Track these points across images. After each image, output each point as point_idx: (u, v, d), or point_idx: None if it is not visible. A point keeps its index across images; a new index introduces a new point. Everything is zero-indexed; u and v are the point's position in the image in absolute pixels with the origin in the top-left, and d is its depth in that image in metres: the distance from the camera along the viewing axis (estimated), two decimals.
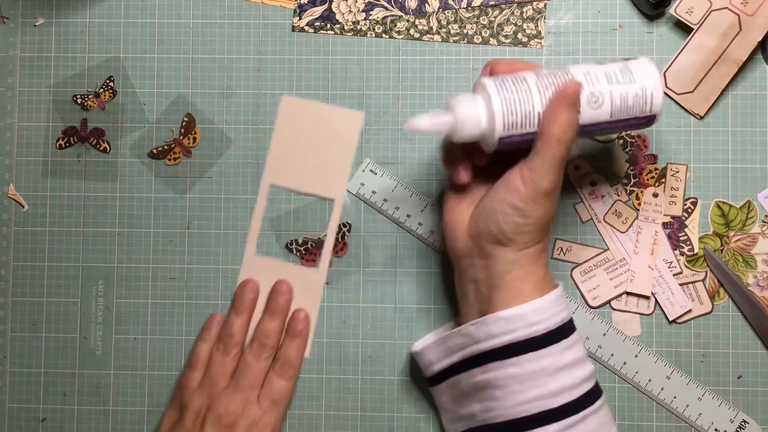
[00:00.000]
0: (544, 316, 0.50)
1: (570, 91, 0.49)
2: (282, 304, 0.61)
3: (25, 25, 0.65)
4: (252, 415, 0.57)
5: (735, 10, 0.60)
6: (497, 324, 0.51)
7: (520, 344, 0.50)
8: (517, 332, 0.50)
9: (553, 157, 0.49)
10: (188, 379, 0.60)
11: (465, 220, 0.54)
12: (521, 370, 0.50)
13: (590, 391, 0.51)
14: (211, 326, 0.61)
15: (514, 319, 0.50)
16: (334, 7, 0.63)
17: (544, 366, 0.50)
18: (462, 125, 0.50)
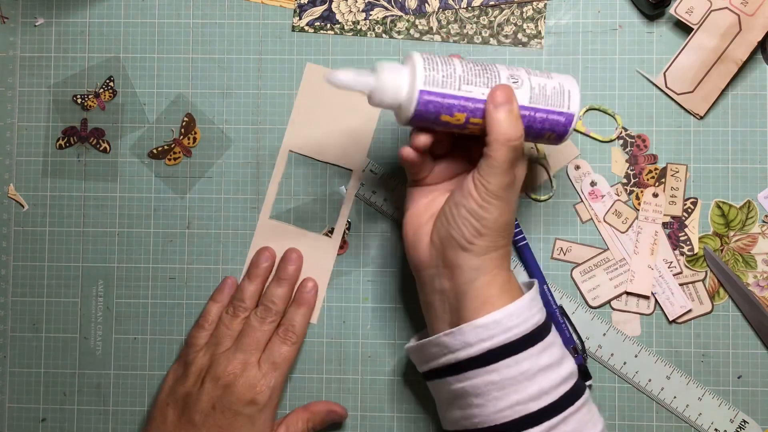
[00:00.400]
0: (519, 320, 0.50)
1: (501, 93, 0.49)
2: (291, 271, 0.62)
3: (25, 25, 0.65)
4: (251, 376, 0.58)
5: (735, 10, 0.60)
6: (474, 332, 0.50)
7: (498, 350, 0.50)
8: (494, 339, 0.50)
9: (498, 159, 0.49)
10: (195, 337, 0.60)
11: (427, 231, 0.54)
12: (500, 377, 0.50)
13: (570, 391, 0.51)
14: (224, 288, 0.62)
15: (491, 326, 0.50)
16: (334, 7, 0.63)
17: (523, 370, 0.50)
18: (382, 90, 0.49)
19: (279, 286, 0.61)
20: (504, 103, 0.49)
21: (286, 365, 0.59)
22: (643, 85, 0.62)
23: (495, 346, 0.50)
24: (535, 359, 0.50)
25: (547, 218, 0.62)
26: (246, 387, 0.57)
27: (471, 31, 0.63)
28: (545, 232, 0.62)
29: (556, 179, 0.62)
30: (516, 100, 0.50)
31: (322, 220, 0.63)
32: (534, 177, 0.62)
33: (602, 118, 0.62)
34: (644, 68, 0.62)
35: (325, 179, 0.63)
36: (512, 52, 0.63)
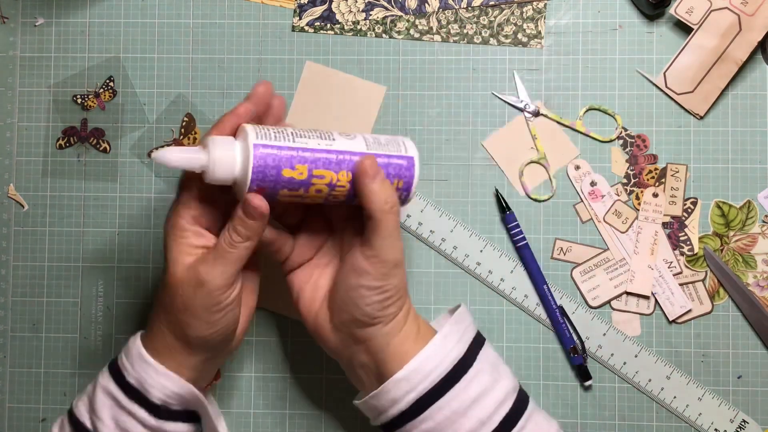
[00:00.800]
0: (436, 361, 0.50)
1: (366, 165, 0.49)
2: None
3: (25, 25, 0.65)
4: None
5: (735, 10, 0.60)
6: (397, 387, 0.49)
7: (425, 397, 0.49)
8: (417, 388, 0.49)
9: (389, 228, 0.49)
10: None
11: (325, 317, 0.52)
12: (434, 422, 0.49)
13: (512, 410, 0.50)
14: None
15: (411, 376, 0.49)
16: (334, 7, 0.63)
17: (455, 409, 0.49)
18: (215, 166, 0.47)
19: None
20: (377, 172, 0.49)
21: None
22: (643, 85, 0.62)
23: (420, 394, 0.49)
24: (464, 394, 0.49)
25: (547, 218, 0.62)
26: None
27: (471, 31, 0.63)
28: (545, 232, 0.62)
29: (556, 179, 0.62)
30: (380, 170, 0.49)
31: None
32: (534, 177, 0.63)
33: (602, 118, 0.62)
34: (644, 68, 0.62)
35: None
36: (512, 52, 0.63)
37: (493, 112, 0.63)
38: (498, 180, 0.62)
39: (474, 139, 0.63)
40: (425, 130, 0.63)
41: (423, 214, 0.62)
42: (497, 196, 0.62)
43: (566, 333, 0.61)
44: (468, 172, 0.63)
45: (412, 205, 0.62)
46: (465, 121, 0.63)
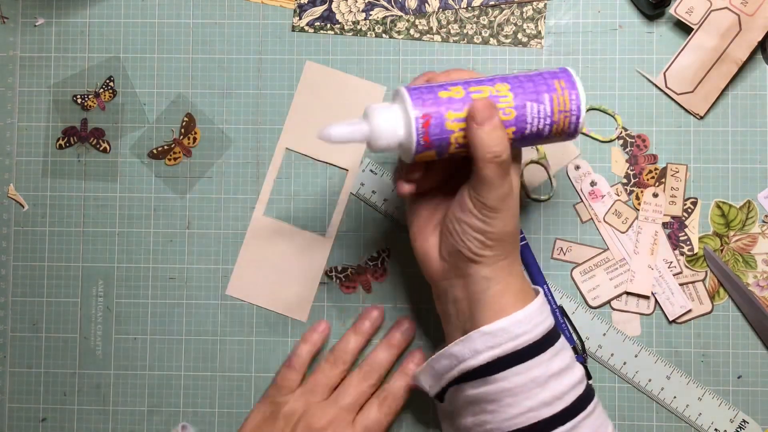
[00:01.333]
0: (527, 327, 0.50)
1: (476, 108, 0.48)
2: (400, 340, 0.61)
3: (25, 25, 0.65)
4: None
5: (735, 10, 0.60)
6: (482, 339, 0.50)
7: (507, 358, 0.50)
8: (502, 346, 0.50)
9: (489, 176, 0.48)
10: (285, 379, 0.60)
11: (434, 244, 0.53)
12: (511, 384, 0.50)
13: (581, 396, 0.51)
14: (316, 331, 0.61)
15: (498, 333, 0.50)
16: (334, 7, 0.63)
17: (534, 377, 0.50)
18: (378, 135, 0.48)
19: (387, 351, 0.60)
20: (485, 118, 0.48)
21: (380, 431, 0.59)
22: (643, 85, 0.62)
23: (503, 353, 0.50)
24: (546, 366, 0.50)
25: (547, 218, 0.62)
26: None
27: (471, 31, 0.63)
28: (545, 232, 0.62)
29: (556, 179, 0.62)
30: (497, 113, 0.48)
31: (316, 218, 0.63)
32: (534, 177, 0.63)
33: (602, 118, 0.62)
34: (644, 68, 0.62)
35: (319, 178, 0.63)
36: (512, 52, 0.63)
37: None
38: None
39: None
40: None
41: None
42: None
43: (566, 333, 0.61)
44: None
45: None
46: None
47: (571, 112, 0.50)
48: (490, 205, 0.49)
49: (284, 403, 0.59)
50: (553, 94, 0.49)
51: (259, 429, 0.59)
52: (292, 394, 0.59)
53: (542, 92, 0.49)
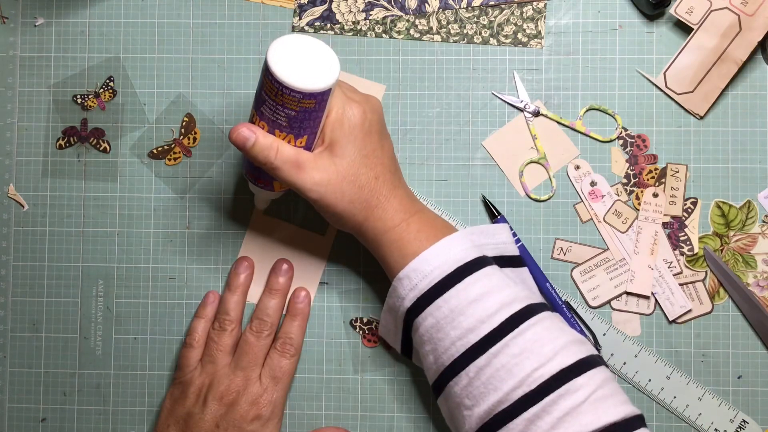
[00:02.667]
0: (438, 261, 0.52)
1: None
2: (282, 282, 0.62)
3: (25, 25, 0.65)
4: (253, 392, 0.58)
5: (735, 10, 0.60)
6: (401, 284, 0.54)
7: (426, 295, 0.52)
8: (418, 285, 0.52)
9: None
10: (186, 357, 0.60)
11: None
12: (435, 319, 0.52)
13: (516, 314, 0.51)
14: (207, 304, 0.62)
15: (411, 275, 0.53)
16: (334, 7, 0.63)
17: (453, 306, 0.51)
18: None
19: (271, 297, 0.61)
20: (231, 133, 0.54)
21: (287, 378, 0.60)
22: (643, 85, 0.62)
23: (421, 292, 0.52)
24: (463, 293, 0.51)
25: (547, 218, 0.62)
26: (249, 403, 0.58)
27: (471, 31, 0.63)
28: (545, 232, 0.62)
29: (556, 179, 0.62)
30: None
31: (315, 218, 0.63)
32: (534, 177, 0.63)
33: (602, 118, 0.62)
34: (644, 68, 0.62)
35: None
36: (512, 52, 0.63)
37: (493, 112, 0.63)
38: (498, 180, 0.62)
39: (474, 139, 0.63)
40: (425, 130, 0.63)
41: None
42: (485, 202, 0.62)
43: (577, 327, 0.60)
44: (468, 172, 0.63)
45: None
46: (465, 121, 0.63)
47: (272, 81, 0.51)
48: (310, 199, 0.54)
49: (190, 380, 0.59)
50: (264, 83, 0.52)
51: (173, 412, 0.59)
52: (195, 371, 0.60)
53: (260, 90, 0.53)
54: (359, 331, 0.63)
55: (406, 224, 0.55)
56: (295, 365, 0.61)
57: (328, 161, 0.54)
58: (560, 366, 0.49)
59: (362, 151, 0.54)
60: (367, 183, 0.54)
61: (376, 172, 0.55)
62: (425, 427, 0.62)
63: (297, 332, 0.61)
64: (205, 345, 0.61)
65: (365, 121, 0.54)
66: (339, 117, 0.54)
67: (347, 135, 0.54)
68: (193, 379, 0.59)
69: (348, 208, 0.54)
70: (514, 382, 0.49)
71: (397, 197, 0.56)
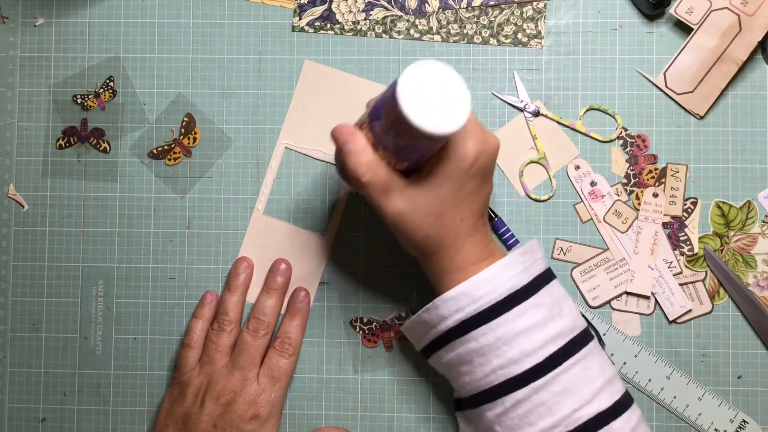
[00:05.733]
0: (488, 287, 0.51)
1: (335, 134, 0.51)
2: (280, 282, 0.62)
3: (25, 25, 0.65)
4: (251, 392, 0.58)
5: (735, 10, 0.60)
6: (445, 305, 0.52)
7: (472, 319, 0.51)
8: (465, 309, 0.51)
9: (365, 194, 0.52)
10: (184, 358, 0.60)
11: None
12: (478, 344, 0.51)
13: (559, 351, 0.51)
14: (205, 304, 0.62)
15: (460, 297, 0.51)
16: (334, 7, 0.63)
17: (499, 336, 0.51)
18: None
19: (269, 297, 0.61)
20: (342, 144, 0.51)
21: (286, 378, 0.60)
22: (643, 85, 0.62)
23: (467, 316, 0.51)
24: (511, 324, 0.51)
25: (547, 218, 0.62)
26: (247, 403, 0.58)
27: (471, 31, 0.63)
28: (545, 232, 0.62)
29: (556, 179, 0.62)
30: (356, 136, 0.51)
31: (315, 217, 0.63)
32: (534, 177, 0.63)
33: (602, 118, 0.62)
34: (644, 68, 0.62)
35: (319, 178, 0.63)
36: (512, 52, 0.63)
37: (493, 112, 0.63)
38: (498, 180, 0.62)
39: None
40: None
41: None
42: None
43: None
44: None
45: None
46: None
47: (395, 110, 0.46)
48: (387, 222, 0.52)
49: (188, 381, 0.60)
50: (386, 103, 0.48)
51: (171, 412, 0.59)
52: (193, 371, 0.60)
53: (380, 107, 0.49)
54: (359, 331, 0.63)
55: (474, 268, 0.53)
56: (293, 365, 0.61)
57: (419, 192, 0.51)
58: (598, 409, 0.50)
59: (458, 192, 0.51)
60: (450, 223, 0.52)
61: (463, 215, 0.52)
62: (425, 427, 0.62)
63: (296, 332, 0.61)
64: (203, 345, 0.61)
65: (473, 166, 0.51)
66: (448, 152, 0.50)
67: (449, 173, 0.50)
68: (192, 380, 0.59)
69: (422, 241, 0.52)
70: (553, 421, 0.49)
71: (474, 243, 0.53)
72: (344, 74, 0.63)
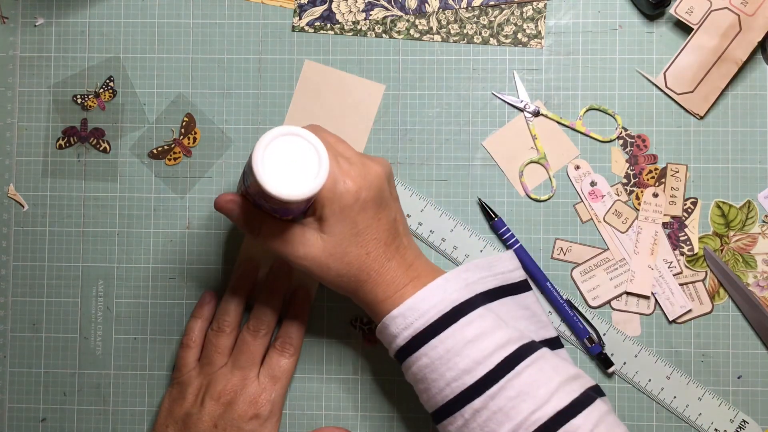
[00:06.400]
0: (434, 300, 0.52)
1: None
2: (280, 282, 0.62)
3: (25, 25, 0.65)
4: (251, 391, 0.58)
5: (735, 10, 0.60)
6: (394, 323, 0.52)
7: (421, 334, 0.52)
8: (413, 324, 0.52)
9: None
10: (184, 358, 0.60)
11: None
12: (430, 359, 0.51)
13: (511, 356, 0.51)
14: (204, 304, 0.62)
15: (407, 313, 0.52)
16: (334, 7, 0.63)
17: (449, 347, 0.51)
18: None
19: (269, 297, 0.61)
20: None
21: (286, 378, 0.60)
22: (643, 85, 0.62)
23: (416, 331, 0.52)
24: (460, 334, 0.51)
25: (547, 218, 0.62)
26: (247, 403, 0.58)
27: (471, 31, 0.63)
28: (545, 232, 0.62)
29: (556, 179, 0.62)
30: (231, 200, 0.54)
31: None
32: (534, 177, 0.63)
33: (602, 118, 0.62)
34: (644, 68, 0.62)
35: None
36: (512, 52, 0.63)
37: (493, 112, 0.63)
38: (498, 180, 0.62)
39: (474, 139, 0.63)
40: (425, 130, 0.63)
41: (423, 214, 0.62)
42: (481, 205, 0.62)
43: (579, 325, 0.60)
44: (468, 172, 0.63)
45: (412, 205, 0.62)
46: (465, 121, 0.63)
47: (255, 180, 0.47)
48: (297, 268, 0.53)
49: (187, 381, 0.60)
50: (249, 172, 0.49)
51: (171, 412, 0.59)
52: (193, 371, 0.60)
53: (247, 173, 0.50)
54: (359, 331, 0.63)
55: (399, 296, 0.53)
56: (294, 365, 0.61)
57: (315, 236, 0.52)
58: (555, 409, 0.50)
59: (353, 229, 0.52)
60: (356, 259, 0.52)
61: (368, 248, 0.52)
62: (425, 427, 0.62)
63: (296, 332, 0.61)
64: (203, 346, 0.61)
65: (358, 201, 0.51)
66: (330, 195, 0.51)
67: (337, 214, 0.51)
68: (191, 380, 0.59)
69: (336, 281, 0.53)
70: (512, 425, 0.49)
71: (391, 270, 0.53)
72: (344, 74, 0.63)
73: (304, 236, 0.52)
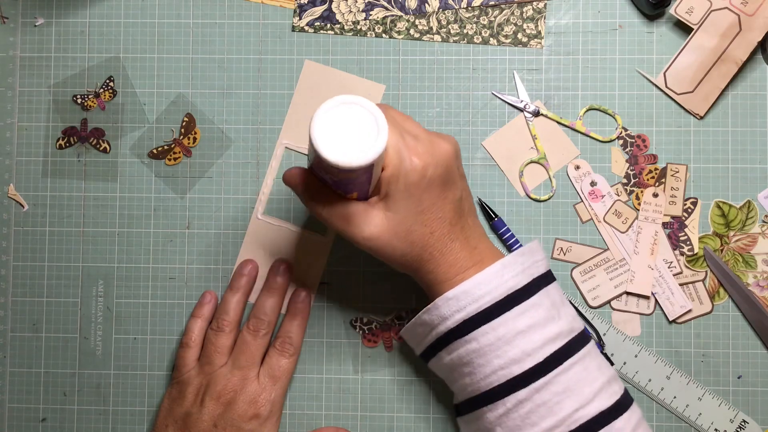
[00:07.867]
0: (489, 287, 0.51)
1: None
2: (280, 282, 0.61)
3: (25, 25, 0.65)
4: (251, 391, 0.58)
5: (735, 10, 0.60)
6: (446, 305, 0.52)
7: (473, 319, 0.51)
8: (466, 308, 0.51)
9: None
10: (183, 358, 0.60)
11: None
12: (479, 344, 0.51)
13: (560, 351, 0.51)
14: (203, 303, 0.62)
15: (461, 296, 0.51)
16: (334, 7, 0.63)
17: (500, 335, 0.51)
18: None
19: (269, 296, 0.61)
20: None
21: (286, 377, 0.60)
22: (643, 85, 0.62)
23: (468, 315, 0.51)
24: (512, 323, 0.51)
25: (547, 218, 0.62)
26: (247, 402, 0.58)
27: (471, 31, 0.63)
28: (545, 232, 0.62)
29: (556, 179, 0.62)
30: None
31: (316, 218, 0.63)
32: (534, 177, 0.63)
33: (602, 118, 0.62)
34: (644, 68, 0.62)
35: None
36: (512, 52, 0.63)
37: (493, 112, 0.63)
38: (498, 180, 0.62)
39: (474, 139, 0.63)
40: None
41: None
42: (481, 205, 0.62)
43: None
44: (468, 172, 0.63)
45: None
46: (465, 121, 0.63)
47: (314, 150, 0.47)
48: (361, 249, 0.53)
49: (187, 380, 0.60)
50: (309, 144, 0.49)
51: (171, 412, 0.59)
52: (193, 371, 0.60)
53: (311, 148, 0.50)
54: (359, 331, 0.63)
55: (459, 279, 0.52)
56: (294, 365, 0.61)
57: (380, 215, 0.51)
58: (599, 409, 0.50)
59: (418, 207, 0.51)
60: (420, 239, 0.51)
61: (432, 227, 0.51)
62: (425, 427, 0.62)
63: (297, 332, 0.61)
64: (202, 345, 0.61)
65: (424, 178, 0.50)
66: (395, 172, 0.50)
67: (402, 191, 0.50)
68: (191, 379, 0.59)
69: (400, 261, 0.53)
70: (554, 421, 0.50)
71: (453, 252, 0.52)
72: (344, 74, 0.63)
73: (368, 215, 0.51)
